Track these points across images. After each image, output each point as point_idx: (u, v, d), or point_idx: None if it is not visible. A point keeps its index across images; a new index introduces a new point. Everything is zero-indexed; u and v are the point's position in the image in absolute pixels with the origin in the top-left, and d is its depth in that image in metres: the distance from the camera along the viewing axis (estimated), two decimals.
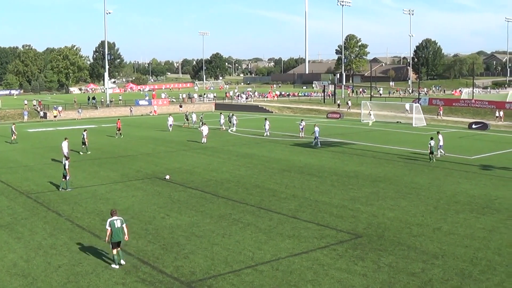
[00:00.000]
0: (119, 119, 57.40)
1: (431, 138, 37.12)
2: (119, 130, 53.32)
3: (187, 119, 64.47)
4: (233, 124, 58.61)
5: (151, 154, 41.59)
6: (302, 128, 51.15)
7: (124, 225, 17.01)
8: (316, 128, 45.37)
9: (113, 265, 16.74)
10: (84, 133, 42.31)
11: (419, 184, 28.91)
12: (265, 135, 52.64)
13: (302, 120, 55.57)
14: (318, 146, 44.20)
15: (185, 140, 49.72)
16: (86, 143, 41.77)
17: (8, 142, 49.57)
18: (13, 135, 49.42)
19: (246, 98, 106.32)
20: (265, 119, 56.05)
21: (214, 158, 38.81)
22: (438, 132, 39.40)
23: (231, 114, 62.36)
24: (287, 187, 28.38)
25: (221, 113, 64.44)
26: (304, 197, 26.11)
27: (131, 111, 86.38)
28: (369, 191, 27.20)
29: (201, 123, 55.75)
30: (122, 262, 16.89)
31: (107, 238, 16.91)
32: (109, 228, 16.75)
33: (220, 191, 27.73)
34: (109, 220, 16.92)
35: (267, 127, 53.02)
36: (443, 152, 38.16)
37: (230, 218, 22.40)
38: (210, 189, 28.25)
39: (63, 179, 28.17)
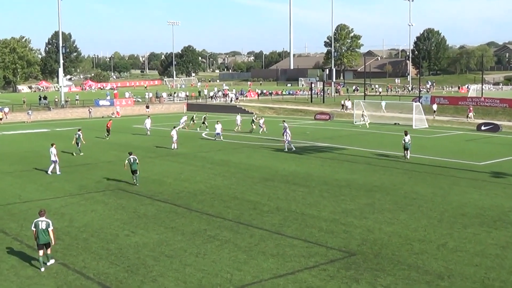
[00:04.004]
0: (110, 120, 61.03)
1: (405, 134, 39.83)
2: (108, 131, 55.90)
3: None
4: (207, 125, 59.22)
5: (113, 162, 41.34)
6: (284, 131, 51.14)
7: (50, 229, 18.56)
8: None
9: (41, 269, 18.22)
10: (79, 132, 45.52)
11: (421, 194, 29.08)
12: (215, 139, 52.92)
13: (283, 121, 55.68)
14: (291, 149, 45.55)
15: (153, 146, 49.54)
16: (80, 143, 44.82)
17: None
18: None
19: (237, 98, 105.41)
20: (217, 121, 55.39)
21: (186, 166, 38.73)
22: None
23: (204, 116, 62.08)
24: (269, 199, 28.38)
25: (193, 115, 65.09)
26: (290, 210, 26.13)
27: (90, 112, 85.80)
28: (364, 203, 27.31)
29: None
30: (48, 263, 18.33)
31: (34, 239, 18.79)
32: (34, 229, 18.56)
33: (193, 204, 27.66)
34: (34, 220, 18.76)
35: (218, 130, 53.18)
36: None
37: (205, 234, 22.33)
38: (182, 201, 28.17)
39: (136, 174, 31.93)
